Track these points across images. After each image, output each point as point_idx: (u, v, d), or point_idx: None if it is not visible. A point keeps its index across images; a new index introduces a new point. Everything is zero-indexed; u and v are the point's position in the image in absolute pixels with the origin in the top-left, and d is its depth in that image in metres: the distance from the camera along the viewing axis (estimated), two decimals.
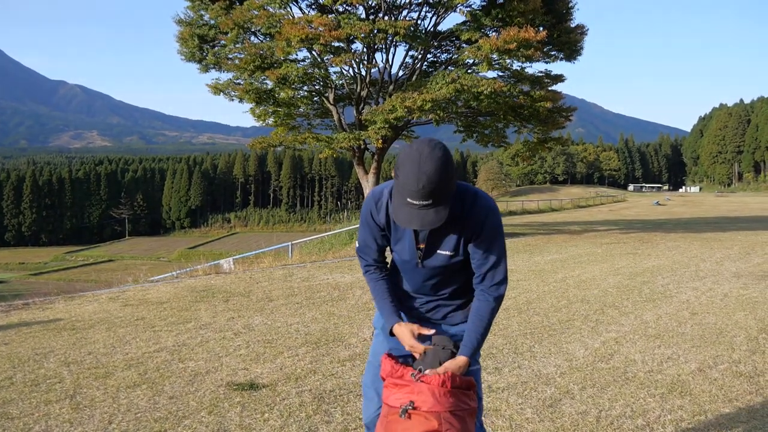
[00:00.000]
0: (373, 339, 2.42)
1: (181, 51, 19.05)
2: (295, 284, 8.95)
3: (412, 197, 1.82)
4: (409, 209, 1.86)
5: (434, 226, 1.87)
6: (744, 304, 7.18)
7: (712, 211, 38.99)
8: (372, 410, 2.30)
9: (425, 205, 1.83)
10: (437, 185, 1.81)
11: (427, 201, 1.82)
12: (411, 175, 1.80)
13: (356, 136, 17.69)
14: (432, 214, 1.85)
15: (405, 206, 1.86)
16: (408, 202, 1.84)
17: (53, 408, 3.78)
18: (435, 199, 1.83)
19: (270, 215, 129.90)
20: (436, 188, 1.81)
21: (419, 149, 1.82)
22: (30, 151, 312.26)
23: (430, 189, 1.80)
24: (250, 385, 4.18)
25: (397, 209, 1.90)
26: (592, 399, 3.95)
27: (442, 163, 1.82)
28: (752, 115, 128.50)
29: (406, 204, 1.85)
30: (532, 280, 9.22)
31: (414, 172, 1.80)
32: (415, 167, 1.80)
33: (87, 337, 5.61)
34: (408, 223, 1.87)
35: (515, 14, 16.24)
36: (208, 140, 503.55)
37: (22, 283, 52.30)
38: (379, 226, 2.14)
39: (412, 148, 1.85)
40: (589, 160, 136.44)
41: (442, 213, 1.87)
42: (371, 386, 2.33)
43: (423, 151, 1.81)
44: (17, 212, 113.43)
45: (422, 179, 1.79)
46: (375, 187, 2.17)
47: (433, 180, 1.80)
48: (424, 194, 1.81)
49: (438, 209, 1.86)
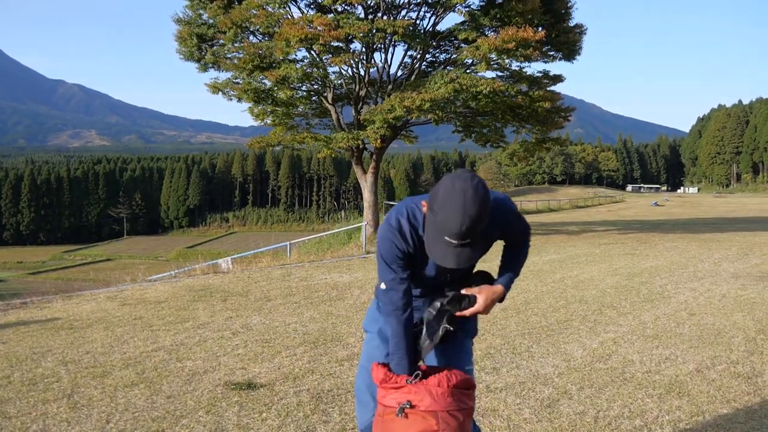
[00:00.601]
0: (367, 343, 2.34)
1: (179, 50, 19.03)
2: (293, 284, 8.95)
3: (452, 237, 1.81)
4: (445, 246, 1.85)
5: (469, 264, 1.89)
6: (742, 304, 7.19)
7: (711, 212, 39.05)
8: (368, 416, 2.24)
9: (463, 244, 1.83)
10: (478, 227, 1.82)
11: (466, 240, 1.82)
12: (454, 216, 1.79)
13: (355, 136, 17.69)
14: (467, 252, 1.85)
15: (441, 243, 1.85)
16: (445, 240, 1.83)
17: (51, 407, 3.77)
18: (473, 238, 1.84)
19: (268, 215, 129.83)
20: (477, 229, 1.83)
21: (463, 189, 1.80)
22: (28, 150, 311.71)
23: (472, 230, 1.81)
24: (248, 385, 4.17)
25: (432, 245, 1.88)
26: (590, 399, 3.95)
27: (485, 205, 1.82)
28: (751, 115, 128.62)
29: (443, 242, 1.84)
30: (531, 281, 9.22)
31: (458, 214, 1.78)
32: (459, 209, 1.78)
33: (85, 337, 5.60)
34: (443, 261, 1.86)
35: (514, 14, 16.26)
36: (207, 140, 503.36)
37: (20, 282, 52.25)
38: (408, 256, 2.06)
39: (454, 186, 1.81)
40: (588, 160, 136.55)
41: (477, 250, 1.89)
42: (366, 391, 2.27)
43: (467, 192, 1.79)
44: (15, 211, 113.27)
45: (466, 222, 1.78)
46: (390, 221, 2.07)
47: (475, 223, 1.80)
48: (465, 235, 1.81)
49: (474, 247, 1.87)
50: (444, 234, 1.82)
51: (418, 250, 2.06)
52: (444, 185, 1.84)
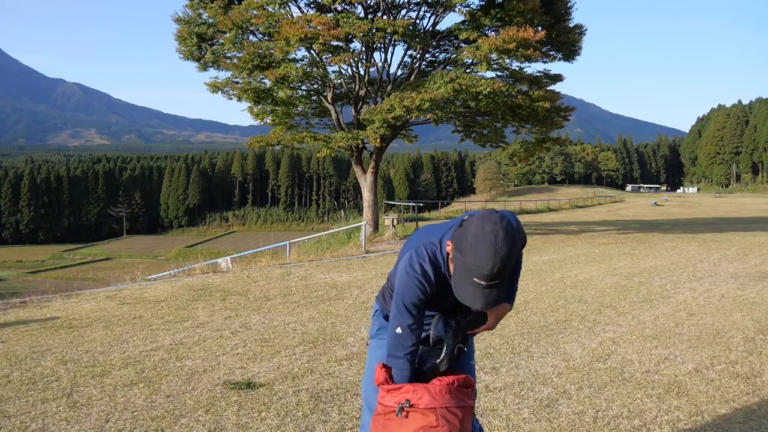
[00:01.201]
0: (374, 350, 2.33)
1: (179, 49, 19.02)
2: (292, 283, 8.95)
3: (481, 279, 1.82)
4: (474, 288, 1.85)
5: (497, 304, 1.89)
6: (741, 304, 7.19)
7: (710, 212, 39.06)
8: None
9: (491, 285, 1.84)
10: (508, 268, 1.84)
11: (495, 282, 1.83)
12: (486, 259, 1.79)
13: (354, 136, 17.68)
14: (496, 293, 1.86)
15: (470, 285, 1.85)
16: (474, 281, 1.83)
17: (50, 406, 3.78)
18: (502, 278, 1.85)
19: (268, 214, 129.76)
20: (507, 270, 1.84)
21: (494, 233, 1.81)
22: (28, 149, 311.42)
23: (502, 272, 1.82)
24: (247, 384, 4.18)
25: (461, 287, 1.88)
26: (589, 399, 3.95)
27: (515, 245, 1.84)
28: (750, 116, 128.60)
29: (472, 283, 1.84)
30: (530, 280, 9.22)
31: (489, 257, 1.79)
32: (491, 252, 1.79)
33: (84, 336, 5.60)
34: (472, 303, 1.86)
35: (514, 14, 16.25)
36: (207, 139, 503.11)
37: (19, 281, 52.27)
38: (430, 298, 2.04)
39: (485, 229, 1.82)
40: (588, 160, 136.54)
41: (504, 289, 1.89)
42: (376, 396, 2.23)
43: (498, 234, 1.81)
44: (15, 210, 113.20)
45: (497, 264, 1.80)
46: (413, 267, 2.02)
47: (507, 265, 1.82)
48: (495, 277, 1.82)
49: (503, 287, 1.87)
50: (474, 276, 1.82)
51: (440, 288, 2.04)
52: (474, 228, 1.85)
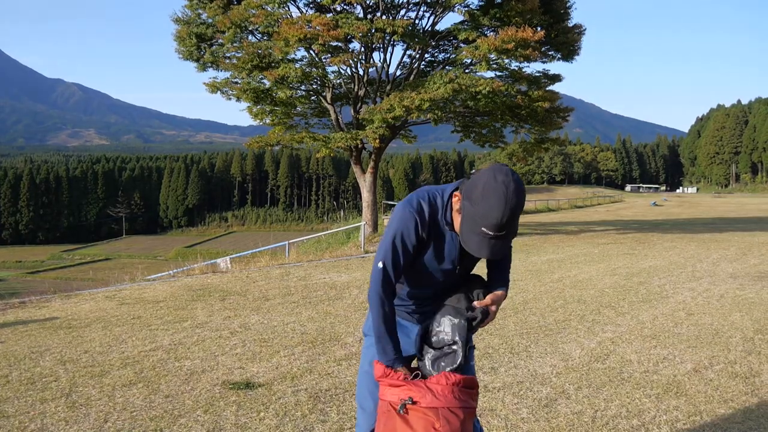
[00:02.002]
0: (368, 348, 2.30)
1: (178, 49, 19.02)
2: (291, 283, 8.95)
3: (490, 229, 1.84)
4: (480, 238, 1.86)
5: (502, 255, 1.91)
6: (740, 304, 7.20)
7: (710, 212, 39.08)
8: (371, 421, 2.20)
9: (498, 236, 1.85)
10: (516, 219, 1.86)
11: (503, 232, 1.85)
12: (496, 209, 1.81)
13: (353, 136, 17.68)
14: (500, 244, 1.88)
15: (477, 235, 1.87)
16: (482, 231, 1.85)
17: (49, 406, 3.78)
18: (509, 230, 1.87)
19: (267, 214, 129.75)
20: (515, 221, 1.86)
21: (506, 183, 1.83)
22: (27, 149, 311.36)
23: (511, 222, 1.85)
24: (246, 384, 4.18)
25: (468, 236, 1.89)
26: (587, 399, 3.95)
27: (523, 198, 1.86)
28: (750, 116, 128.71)
29: (479, 233, 1.86)
30: (529, 280, 9.23)
31: (500, 207, 1.81)
32: (501, 202, 1.81)
33: (83, 336, 5.60)
34: (478, 252, 1.88)
35: (513, 14, 16.26)
36: (206, 139, 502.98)
37: (18, 282, 52.25)
38: (419, 246, 2.06)
39: (496, 180, 1.84)
40: (587, 160, 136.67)
41: (509, 241, 1.91)
42: (369, 396, 2.23)
43: (509, 185, 1.82)
44: (14, 210, 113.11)
45: (507, 214, 1.82)
46: (410, 202, 2.06)
47: (515, 216, 1.84)
48: (504, 227, 1.84)
49: (507, 239, 1.90)
50: (482, 225, 1.84)
51: (432, 237, 2.06)
52: (485, 178, 1.86)
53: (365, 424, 2.25)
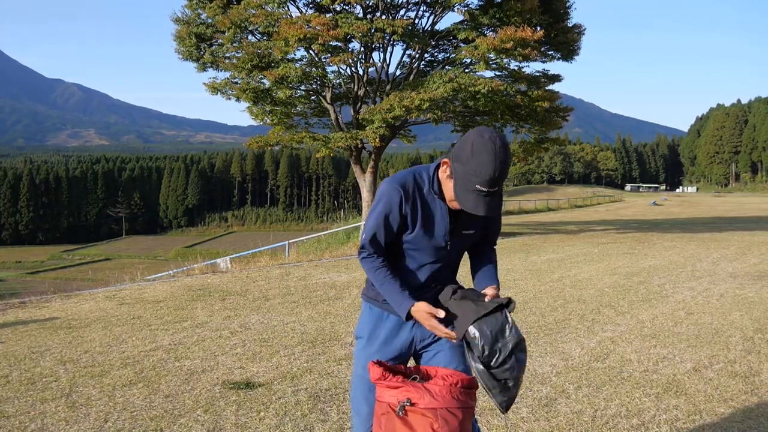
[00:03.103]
0: (360, 351, 2.28)
1: (178, 49, 19.01)
2: (291, 283, 8.95)
3: (483, 185, 1.90)
4: (475, 196, 1.93)
5: (496, 212, 1.99)
6: (740, 304, 7.20)
7: (709, 212, 39.09)
8: (366, 426, 2.20)
9: (491, 192, 1.93)
10: (506, 175, 1.94)
11: (495, 188, 1.93)
12: (488, 164, 1.89)
13: (353, 136, 17.68)
14: (495, 200, 1.97)
15: (471, 193, 1.94)
16: (476, 189, 1.92)
17: (49, 406, 3.78)
18: (500, 186, 1.95)
19: (267, 214, 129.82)
20: (504, 176, 1.94)
21: (493, 140, 1.91)
22: (27, 149, 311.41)
23: (502, 177, 1.93)
24: (246, 384, 4.18)
25: (463, 197, 1.96)
26: (587, 398, 3.95)
27: (510, 153, 1.96)
28: (750, 115, 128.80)
29: (473, 191, 1.93)
30: (529, 280, 9.23)
31: (491, 161, 1.89)
32: (491, 157, 1.89)
33: (83, 336, 5.60)
34: (475, 209, 1.94)
35: (512, 14, 16.25)
36: (206, 139, 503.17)
37: (18, 282, 52.24)
38: (402, 217, 2.11)
39: (483, 137, 1.92)
40: (587, 160, 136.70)
41: (501, 197, 2.00)
42: (363, 402, 2.21)
43: (496, 141, 1.91)
44: (14, 211, 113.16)
45: (498, 168, 1.89)
46: (394, 178, 2.14)
47: (505, 171, 1.92)
48: (496, 182, 1.91)
49: (500, 195, 1.99)
50: (476, 183, 1.91)
51: (419, 211, 2.11)
52: (472, 138, 1.94)
53: (361, 429, 2.24)
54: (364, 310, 2.34)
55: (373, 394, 2.09)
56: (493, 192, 1.93)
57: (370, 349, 2.23)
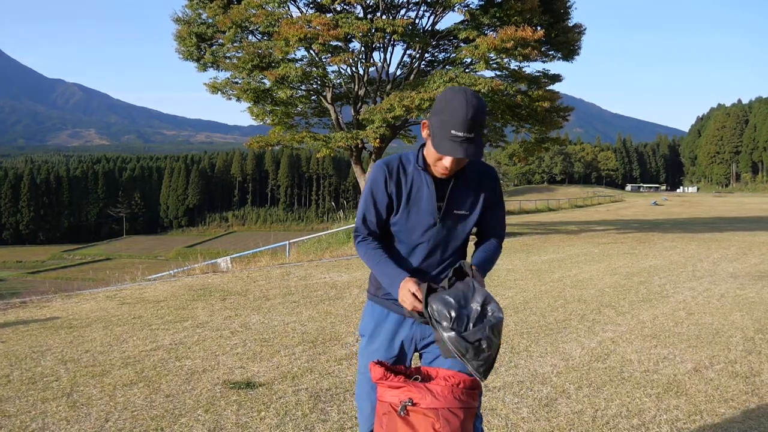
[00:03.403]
0: (362, 349, 2.30)
1: (178, 49, 19.01)
2: (292, 283, 8.95)
3: (458, 129, 1.93)
4: (452, 142, 1.96)
5: (475, 157, 1.99)
6: (740, 304, 7.20)
7: (710, 212, 39.07)
8: (370, 424, 2.21)
9: (468, 138, 1.95)
10: (481, 117, 1.96)
11: (471, 134, 1.94)
12: (460, 107, 1.94)
13: (354, 136, 17.68)
14: (473, 147, 1.97)
15: (448, 140, 1.96)
16: (452, 135, 1.95)
17: (50, 406, 3.78)
18: (477, 133, 1.96)
19: (267, 214, 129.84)
20: (480, 121, 1.96)
21: (464, 90, 1.98)
22: (28, 149, 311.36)
23: (476, 120, 1.94)
24: (247, 384, 4.18)
25: (440, 143, 1.98)
26: (588, 398, 3.95)
27: (483, 102, 2.00)
28: (750, 115, 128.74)
29: (450, 137, 1.95)
30: (529, 280, 9.23)
31: (463, 105, 1.94)
32: (463, 101, 1.94)
33: (84, 336, 5.60)
34: (452, 152, 1.96)
35: (513, 13, 16.25)
36: (206, 139, 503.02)
37: (19, 282, 52.23)
38: (388, 196, 2.16)
39: (454, 89, 2.00)
40: (587, 160, 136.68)
41: (480, 147, 1.99)
42: (366, 399, 2.23)
43: (468, 91, 1.98)
44: (15, 210, 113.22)
45: (470, 111, 1.93)
46: (380, 160, 2.22)
47: (479, 112, 1.95)
48: (471, 125, 1.93)
49: (478, 143, 1.98)
50: (451, 128, 1.94)
51: (405, 189, 2.16)
52: (444, 92, 2.02)
53: (364, 425, 2.26)
54: (366, 307, 2.35)
55: (375, 393, 2.09)
56: (470, 138, 1.94)
57: (371, 347, 2.25)
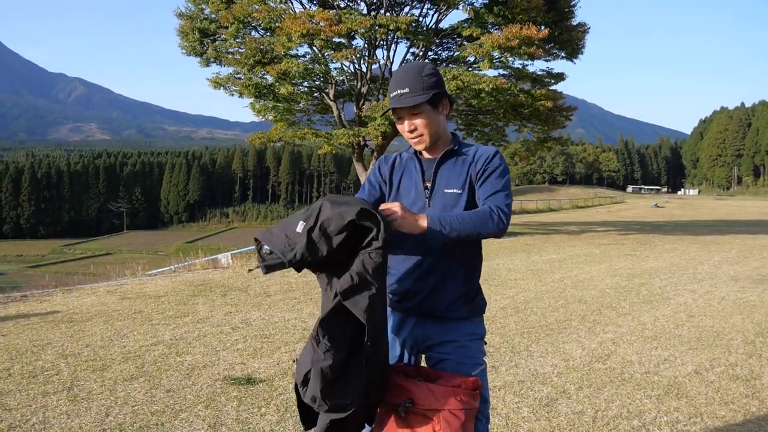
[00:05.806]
0: None
1: (181, 45, 19.00)
2: (292, 280, 8.95)
3: (392, 90, 2.16)
4: (392, 102, 2.16)
5: (410, 104, 2.12)
6: (741, 307, 7.20)
7: (711, 214, 39.03)
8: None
9: (401, 94, 2.13)
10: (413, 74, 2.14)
11: (404, 89, 2.12)
12: (395, 74, 2.22)
13: (356, 133, 17.67)
14: (408, 98, 2.12)
15: (390, 100, 2.18)
16: (391, 97, 2.16)
17: (51, 399, 3.78)
18: (411, 87, 2.12)
19: (268, 210, 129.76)
20: (411, 76, 2.13)
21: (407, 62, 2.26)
22: (29, 143, 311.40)
23: (403, 77, 2.15)
24: (247, 380, 4.18)
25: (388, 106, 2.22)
26: (588, 399, 3.95)
27: (419, 64, 2.19)
28: (753, 118, 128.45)
29: (391, 99, 2.17)
30: (530, 280, 9.23)
31: (396, 73, 2.21)
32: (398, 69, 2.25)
33: (85, 330, 5.61)
34: (391, 103, 2.16)
35: (517, 11, 16.22)
36: (207, 135, 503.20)
37: (20, 276, 52.22)
38: (381, 175, 2.32)
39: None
40: (589, 160, 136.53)
41: (417, 97, 2.12)
42: None
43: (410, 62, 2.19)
44: (16, 204, 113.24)
45: (399, 72, 2.20)
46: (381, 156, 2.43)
47: (407, 69, 2.16)
48: (400, 82, 2.14)
49: (414, 96, 2.12)
50: (390, 93, 2.17)
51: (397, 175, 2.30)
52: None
53: None
54: None
55: None
56: (403, 93, 2.11)
57: None
